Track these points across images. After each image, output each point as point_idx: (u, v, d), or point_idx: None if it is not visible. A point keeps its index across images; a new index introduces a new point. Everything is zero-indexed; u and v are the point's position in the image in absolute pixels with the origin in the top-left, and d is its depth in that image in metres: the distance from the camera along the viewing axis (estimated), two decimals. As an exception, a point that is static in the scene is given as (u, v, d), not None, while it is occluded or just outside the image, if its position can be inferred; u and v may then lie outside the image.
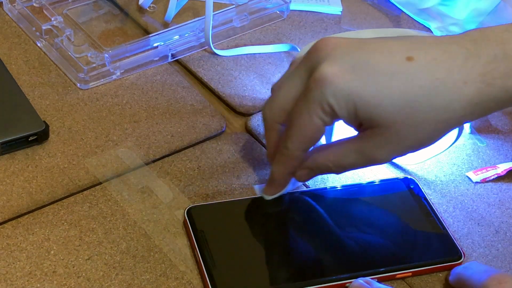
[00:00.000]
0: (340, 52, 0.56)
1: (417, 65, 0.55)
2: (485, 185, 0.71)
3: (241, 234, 0.62)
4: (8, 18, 0.81)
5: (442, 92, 0.55)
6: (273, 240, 0.62)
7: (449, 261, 0.63)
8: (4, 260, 0.59)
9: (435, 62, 0.55)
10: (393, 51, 0.56)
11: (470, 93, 0.55)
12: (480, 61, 0.55)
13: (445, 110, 0.55)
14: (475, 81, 0.55)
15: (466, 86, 0.55)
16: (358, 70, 0.55)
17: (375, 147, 0.57)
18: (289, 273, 0.60)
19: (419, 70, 0.55)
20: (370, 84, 0.55)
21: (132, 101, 0.74)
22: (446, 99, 0.55)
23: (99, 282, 0.58)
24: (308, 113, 0.57)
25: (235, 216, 0.63)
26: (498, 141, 0.76)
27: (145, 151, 0.69)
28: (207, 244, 0.60)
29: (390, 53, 0.56)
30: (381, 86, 0.55)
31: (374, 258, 0.62)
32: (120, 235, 0.62)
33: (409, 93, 0.55)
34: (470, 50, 0.55)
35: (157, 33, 0.79)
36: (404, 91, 0.55)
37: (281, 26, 0.86)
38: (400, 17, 0.91)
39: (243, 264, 0.60)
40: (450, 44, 0.56)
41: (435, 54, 0.55)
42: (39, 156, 0.67)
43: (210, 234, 0.61)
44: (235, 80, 0.78)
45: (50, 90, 0.74)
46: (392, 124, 0.56)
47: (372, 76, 0.55)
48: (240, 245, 0.61)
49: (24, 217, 0.62)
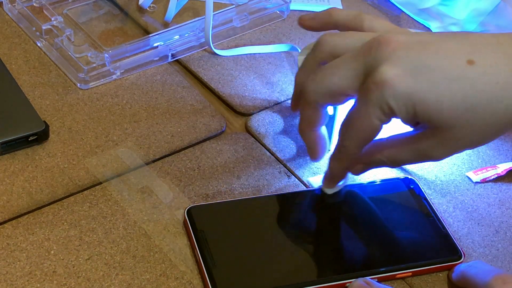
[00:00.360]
0: (401, 54, 0.56)
1: (478, 69, 0.55)
2: (485, 185, 0.71)
3: (241, 234, 0.62)
4: (8, 18, 0.81)
5: (502, 96, 0.54)
6: (273, 240, 0.62)
7: (449, 261, 0.63)
8: (4, 260, 0.59)
9: (496, 66, 0.55)
10: (453, 54, 0.55)
11: None
12: None
13: (504, 114, 0.55)
14: None
15: None
16: (419, 73, 0.55)
17: (432, 146, 0.57)
18: (289, 273, 0.60)
19: (480, 74, 0.55)
20: (431, 88, 0.55)
21: (132, 101, 0.74)
22: (506, 103, 0.55)
23: (99, 282, 0.58)
24: (368, 115, 0.57)
25: (235, 216, 0.63)
26: (498, 141, 0.76)
27: (145, 151, 0.69)
28: (207, 244, 0.60)
29: (451, 56, 0.55)
30: (442, 90, 0.55)
31: (374, 258, 0.62)
32: (120, 235, 0.62)
33: (470, 98, 0.54)
34: None
35: (157, 33, 0.79)
36: (465, 96, 0.54)
37: (281, 26, 0.86)
38: (400, 17, 0.91)
39: (243, 264, 0.60)
40: (510, 45, 0.56)
41: (496, 57, 0.55)
42: (39, 156, 0.67)
43: (210, 234, 0.61)
44: (235, 80, 0.78)
45: (50, 90, 0.74)
46: (452, 128, 0.55)
47: (433, 80, 0.55)
48: (240, 245, 0.61)
49: (24, 217, 0.62)
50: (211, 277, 0.58)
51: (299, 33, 0.86)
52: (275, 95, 0.77)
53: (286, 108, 0.76)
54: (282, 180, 0.69)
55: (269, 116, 0.75)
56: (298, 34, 0.86)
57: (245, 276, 0.59)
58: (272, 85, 0.78)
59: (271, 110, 0.76)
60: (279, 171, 0.70)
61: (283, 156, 0.71)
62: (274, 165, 0.70)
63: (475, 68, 0.55)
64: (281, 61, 0.81)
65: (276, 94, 0.77)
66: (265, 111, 0.75)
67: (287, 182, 0.69)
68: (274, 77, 0.79)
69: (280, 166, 0.70)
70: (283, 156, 0.71)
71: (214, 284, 0.58)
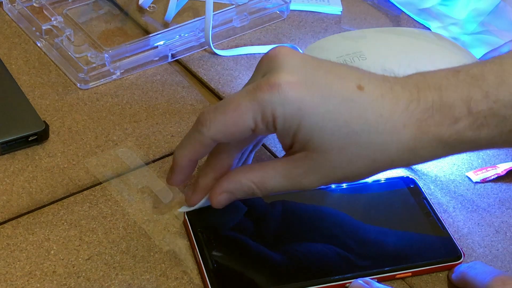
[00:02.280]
0: (296, 64, 0.55)
1: (367, 97, 0.54)
2: (485, 185, 0.71)
3: (241, 234, 0.62)
4: (8, 18, 0.81)
5: (383, 130, 0.54)
6: (273, 240, 0.62)
7: (449, 261, 0.63)
8: (4, 260, 0.59)
9: (382, 99, 0.54)
10: (345, 75, 0.55)
11: (407, 138, 0.54)
12: (419, 107, 0.54)
13: (381, 149, 0.54)
14: (412, 126, 0.54)
15: (404, 129, 0.54)
16: (311, 86, 0.54)
17: (304, 172, 0.56)
18: (289, 273, 0.60)
19: (368, 102, 0.54)
20: (320, 104, 0.54)
21: (132, 101, 0.74)
22: (385, 138, 0.54)
23: (99, 282, 0.58)
24: (246, 111, 0.54)
25: (235, 216, 0.63)
26: (498, 141, 0.76)
27: (145, 151, 0.69)
28: (207, 244, 0.60)
29: (342, 77, 0.55)
30: (330, 109, 0.54)
31: (374, 258, 0.62)
32: (120, 235, 0.62)
33: (353, 124, 0.54)
34: (413, 94, 0.54)
35: (157, 33, 0.79)
36: (349, 120, 0.54)
37: (281, 26, 0.86)
38: (400, 17, 0.91)
39: (243, 264, 0.60)
40: (396, 84, 0.55)
41: (383, 90, 0.55)
42: (39, 156, 0.67)
43: (210, 234, 0.61)
44: (235, 80, 0.78)
45: (50, 90, 0.74)
46: (328, 152, 0.54)
47: (324, 96, 0.54)
48: (240, 245, 0.61)
49: (24, 217, 0.62)
50: (211, 277, 0.58)
51: (299, 33, 0.86)
52: (275, 95, 0.77)
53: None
54: (282, 180, 0.69)
55: (269, 116, 0.75)
56: (298, 34, 0.86)
57: (245, 276, 0.59)
58: (272, 85, 0.78)
59: (271, 110, 0.76)
60: (279, 171, 0.69)
61: (283, 156, 0.71)
62: (274, 165, 0.70)
63: (364, 95, 0.54)
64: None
65: (276, 94, 0.77)
66: (265, 111, 0.75)
67: (287, 182, 0.69)
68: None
69: (280, 166, 0.70)
70: (283, 156, 0.71)
71: (214, 284, 0.58)
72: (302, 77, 0.54)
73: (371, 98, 0.54)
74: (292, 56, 0.56)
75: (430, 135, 0.54)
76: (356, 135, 0.54)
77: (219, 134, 0.56)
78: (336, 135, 0.54)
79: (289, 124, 0.54)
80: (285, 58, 0.55)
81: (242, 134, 0.56)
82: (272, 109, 0.54)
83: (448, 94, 0.54)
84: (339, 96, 0.54)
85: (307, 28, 0.87)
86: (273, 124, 0.55)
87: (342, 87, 0.54)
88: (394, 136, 0.54)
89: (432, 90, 0.54)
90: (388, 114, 0.54)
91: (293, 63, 0.55)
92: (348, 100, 0.54)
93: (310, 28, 0.87)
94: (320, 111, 0.54)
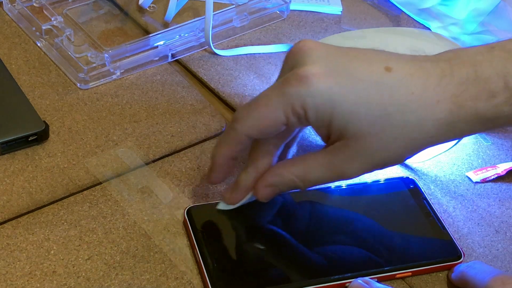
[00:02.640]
0: (321, 55, 0.55)
1: (395, 77, 0.54)
2: (485, 185, 0.71)
3: (241, 234, 0.62)
4: (8, 18, 0.81)
5: (416, 108, 0.54)
6: (273, 240, 0.62)
7: (449, 261, 0.63)
8: (4, 260, 0.59)
9: (411, 77, 0.54)
10: (372, 60, 0.55)
11: (443, 113, 0.54)
12: (453, 81, 0.54)
13: (417, 127, 0.54)
14: (447, 101, 0.54)
15: (438, 105, 0.54)
16: (339, 74, 0.54)
17: (345, 161, 0.56)
18: (289, 273, 0.60)
19: (397, 82, 0.54)
20: (350, 91, 0.54)
21: (132, 101, 0.74)
22: (420, 115, 0.54)
23: (99, 282, 0.58)
24: (277, 105, 0.55)
25: (235, 216, 0.63)
26: (498, 141, 0.76)
27: (145, 151, 0.69)
28: (207, 244, 0.60)
29: (369, 61, 0.55)
30: (361, 94, 0.54)
31: (374, 258, 0.62)
32: (120, 235, 0.62)
33: (386, 105, 0.54)
34: (445, 69, 0.55)
35: (157, 33, 0.79)
36: (381, 103, 0.54)
37: (281, 26, 0.86)
38: (400, 17, 0.91)
39: (243, 264, 0.60)
40: (425, 61, 0.55)
41: (412, 69, 0.55)
42: (39, 156, 0.67)
43: (210, 234, 0.61)
44: (235, 80, 0.78)
45: (50, 90, 0.74)
46: (365, 136, 0.55)
47: (352, 83, 0.54)
48: (240, 245, 0.61)
49: (24, 217, 0.62)
50: (211, 277, 0.58)
51: (299, 33, 0.86)
52: (275, 95, 0.77)
53: (286, 108, 0.76)
54: (282, 180, 0.69)
55: (269, 116, 0.75)
56: (298, 34, 0.86)
57: (245, 276, 0.59)
58: (272, 85, 0.78)
59: (271, 110, 0.76)
60: (279, 171, 0.69)
61: (283, 156, 0.71)
62: (274, 165, 0.70)
63: (392, 75, 0.54)
64: (281, 61, 0.81)
65: (276, 94, 0.77)
66: (265, 111, 0.75)
67: (287, 182, 0.69)
68: (274, 77, 0.79)
69: (280, 166, 0.70)
70: (283, 156, 0.71)
71: (214, 284, 0.58)
72: (329, 67, 0.55)
73: (399, 77, 0.54)
74: (317, 48, 0.56)
75: (467, 109, 0.54)
76: (390, 117, 0.54)
77: (252, 130, 0.57)
78: (370, 119, 0.54)
79: (321, 114, 0.54)
80: (310, 50, 0.56)
81: (275, 129, 0.56)
82: (302, 102, 0.54)
83: (483, 69, 0.54)
84: (367, 80, 0.54)
85: (307, 28, 0.87)
86: (305, 117, 0.55)
87: (369, 71, 0.55)
88: (429, 112, 0.54)
89: (466, 65, 0.54)
90: (419, 91, 0.54)
91: (318, 54, 0.55)
92: (377, 82, 0.54)
93: (310, 28, 0.87)
94: (351, 98, 0.54)
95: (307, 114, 0.55)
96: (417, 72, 0.55)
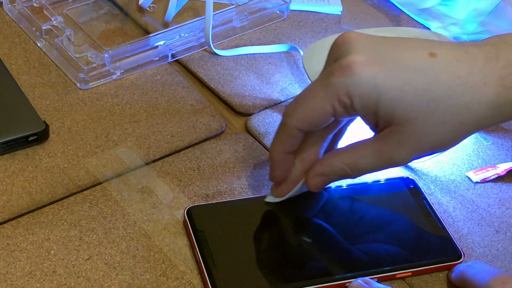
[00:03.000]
0: (364, 44, 0.56)
1: (440, 62, 0.55)
2: (485, 185, 0.71)
3: (241, 234, 0.62)
4: (8, 18, 0.81)
5: (463, 91, 0.54)
6: (273, 240, 0.62)
7: (449, 261, 0.63)
8: (4, 260, 0.59)
9: (457, 61, 0.55)
10: (415, 47, 0.56)
11: (490, 95, 0.54)
12: (498, 64, 0.55)
13: (465, 110, 0.55)
14: (494, 83, 0.54)
15: (485, 87, 0.54)
16: (383, 62, 0.55)
17: (394, 147, 0.56)
18: (289, 273, 0.60)
19: (443, 67, 0.55)
20: (395, 77, 0.54)
21: (132, 101, 0.74)
22: (467, 99, 0.54)
23: (99, 282, 0.58)
24: (323, 97, 0.56)
25: (235, 216, 0.63)
26: (498, 141, 0.76)
27: (145, 151, 0.69)
28: (207, 244, 0.60)
29: (413, 48, 0.56)
30: (406, 80, 0.54)
31: (374, 258, 0.62)
32: (120, 235, 0.62)
33: (432, 90, 0.54)
34: (490, 53, 0.55)
35: (157, 33, 0.79)
36: (427, 87, 0.54)
37: (281, 26, 0.86)
38: (400, 17, 0.91)
39: (243, 264, 0.60)
40: (471, 46, 0.56)
41: (457, 53, 0.55)
42: (39, 156, 0.67)
43: (210, 234, 0.61)
44: (235, 80, 0.78)
45: (50, 90, 0.74)
46: (413, 121, 0.55)
47: (397, 69, 0.54)
48: (240, 245, 0.61)
49: (24, 217, 0.62)
50: (211, 277, 0.58)
51: (299, 33, 0.86)
52: (275, 95, 0.77)
53: (286, 108, 0.76)
54: (282, 180, 0.69)
55: (269, 116, 0.75)
56: (298, 34, 0.86)
57: (245, 276, 0.59)
58: (272, 85, 0.78)
59: (271, 110, 0.76)
60: (279, 171, 0.69)
61: (283, 156, 0.71)
62: (274, 165, 0.70)
63: (437, 60, 0.55)
64: (281, 61, 0.81)
65: (276, 94, 0.77)
66: (265, 111, 0.75)
67: (287, 182, 0.69)
68: (274, 77, 0.79)
69: (280, 166, 0.70)
70: (283, 156, 0.71)
71: (214, 284, 0.58)
72: (372, 55, 0.55)
73: (445, 62, 0.55)
74: (360, 38, 0.56)
75: None
76: (437, 101, 0.54)
77: (301, 122, 0.58)
78: (417, 104, 0.54)
79: (367, 102, 0.55)
80: (352, 41, 0.56)
81: (323, 120, 0.57)
82: (347, 91, 0.55)
83: None
84: (412, 66, 0.55)
85: (307, 28, 0.87)
86: (351, 106, 0.55)
87: (414, 58, 0.55)
88: (476, 95, 0.54)
89: None
90: (465, 74, 0.54)
91: (362, 44, 0.56)
92: (423, 68, 0.55)
93: (310, 28, 0.87)
94: (396, 84, 0.54)
95: (353, 103, 0.55)
96: (462, 56, 0.55)
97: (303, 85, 0.79)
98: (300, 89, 0.78)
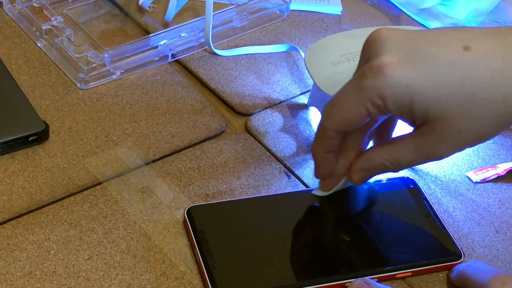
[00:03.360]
0: (396, 42, 0.55)
1: (475, 55, 0.54)
2: (485, 185, 0.71)
3: (241, 234, 0.62)
4: (8, 18, 0.81)
5: (500, 84, 0.54)
6: (273, 240, 0.62)
7: (449, 261, 0.63)
8: (4, 260, 0.59)
9: (493, 53, 0.54)
10: (449, 41, 0.55)
11: None
12: None
13: (503, 103, 0.54)
14: None
15: None
16: (415, 60, 0.54)
17: (433, 143, 0.56)
18: (289, 273, 0.60)
19: (477, 60, 0.54)
20: (428, 75, 0.54)
21: (132, 101, 0.74)
22: (504, 91, 0.54)
23: (99, 282, 0.58)
24: (356, 100, 0.56)
25: (235, 216, 0.63)
26: (498, 141, 0.76)
27: (145, 151, 0.69)
28: (207, 244, 0.60)
29: (446, 43, 0.55)
30: (440, 77, 0.54)
31: (374, 258, 0.62)
32: (120, 235, 0.62)
33: (468, 85, 0.54)
34: None
35: (157, 33, 0.79)
36: (462, 82, 0.54)
37: (281, 26, 0.86)
38: (400, 17, 0.91)
39: (243, 264, 0.60)
40: (508, 35, 0.55)
41: (493, 44, 0.54)
42: (39, 156, 0.67)
43: (210, 234, 0.61)
44: (235, 80, 0.78)
45: (50, 90, 0.74)
46: (450, 118, 0.54)
47: (430, 67, 0.54)
48: (240, 245, 0.61)
49: (24, 217, 0.62)
50: (211, 277, 0.58)
51: (299, 33, 0.86)
52: (275, 95, 0.77)
53: (286, 108, 0.76)
54: (282, 180, 0.69)
55: (269, 116, 0.75)
56: (298, 34, 0.86)
57: (245, 276, 0.59)
58: (272, 85, 0.78)
59: (271, 110, 0.76)
60: (279, 171, 0.70)
61: (283, 156, 0.71)
62: (274, 165, 0.70)
63: (472, 54, 0.54)
64: (281, 61, 0.81)
65: (276, 94, 0.77)
66: (265, 111, 0.75)
67: (287, 182, 0.69)
68: (274, 77, 0.79)
69: (280, 166, 0.70)
70: (283, 156, 0.71)
71: (214, 284, 0.58)
72: (403, 54, 0.55)
73: (480, 55, 0.54)
74: (391, 36, 0.56)
75: None
76: (474, 96, 0.54)
77: (337, 125, 0.58)
78: (453, 100, 0.54)
79: (401, 102, 0.55)
80: (383, 39, 0.56)
81: (359, 122, 0.57)
82: (379, 94, 0.54)
83: None
84: (445, 62, 0.54)
85: (307, 28, 0.87)
86: (385, 107, 0.55)
87: (447, 53, 0.54)
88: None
89: None
90: (502, 66, 0.54)
91: (393, 43, 0.55)
92: (457, 63, 0.54)
93: (310, 28, 0.87)
94: (429, 82, 0.54)
95: (386, 104, 0.55)
96: (498, 47, 0.54)
97: (303, 85, 0.79)
98: (300, 89, 0.78)
